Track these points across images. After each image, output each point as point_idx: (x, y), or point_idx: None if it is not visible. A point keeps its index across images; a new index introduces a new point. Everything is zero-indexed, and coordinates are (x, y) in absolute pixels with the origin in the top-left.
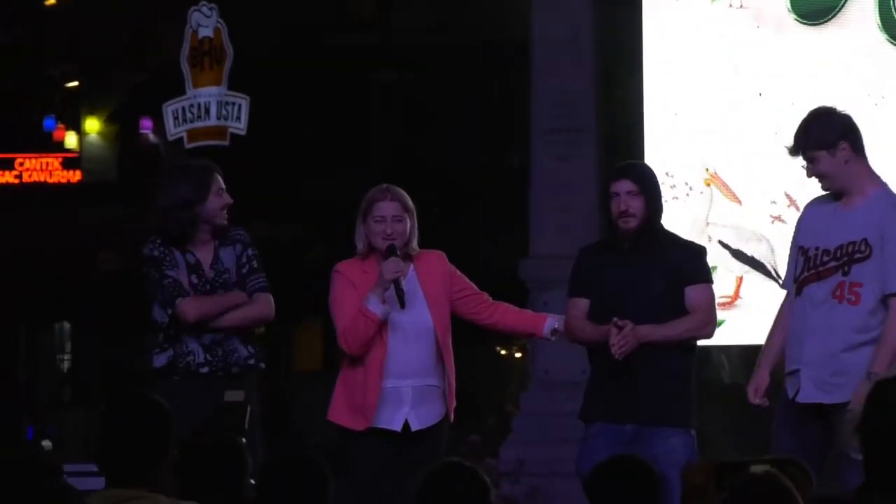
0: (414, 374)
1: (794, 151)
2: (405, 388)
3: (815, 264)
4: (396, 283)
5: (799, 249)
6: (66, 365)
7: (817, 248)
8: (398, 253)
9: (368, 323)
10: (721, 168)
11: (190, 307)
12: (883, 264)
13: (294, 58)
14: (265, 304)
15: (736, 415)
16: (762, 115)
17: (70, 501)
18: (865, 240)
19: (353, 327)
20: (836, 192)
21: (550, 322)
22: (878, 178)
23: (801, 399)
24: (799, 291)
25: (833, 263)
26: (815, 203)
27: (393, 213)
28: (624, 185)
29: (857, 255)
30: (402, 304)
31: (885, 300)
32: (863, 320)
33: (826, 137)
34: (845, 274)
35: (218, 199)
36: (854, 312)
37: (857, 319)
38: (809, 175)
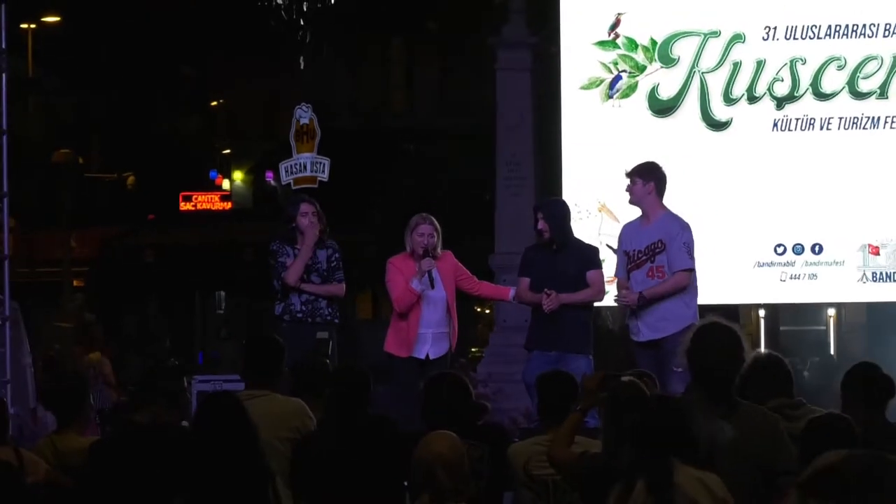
0: (434, 326)
1: (628, 173)
2: (427, 334)
3: (634, 259)
4: (430, 273)
5: (623, 252)
6: (223, 315)
7: (634, 250)
8: (430, 255)
9: (412, 296)
10: (608, 200)
11: (289, 276)
12: (671, 254)
13: (356, 134)
14: (340, 288)
15: (615, 347)
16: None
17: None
18: (661, 240)
19: (404, 297)
20: (641, 213)
21: (512, 292)
22: (666, 208)
23: (641, 339)
24: (628, 277)
25: (644, 257)
26: (627, 225)
27: (428, 232)
28: (538, 214)
29: (658, 250)
30: (433, 286)
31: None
32: None
33: (645, 174)
34: (652, 262)
35: (303, 218)
36: None
37: None
38: (627, 189)
